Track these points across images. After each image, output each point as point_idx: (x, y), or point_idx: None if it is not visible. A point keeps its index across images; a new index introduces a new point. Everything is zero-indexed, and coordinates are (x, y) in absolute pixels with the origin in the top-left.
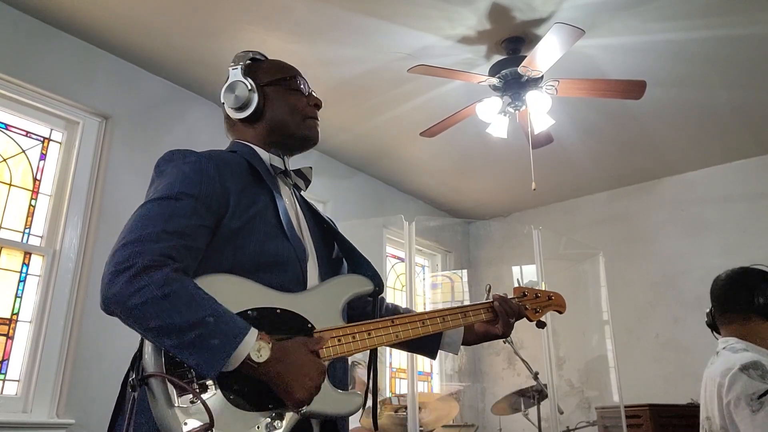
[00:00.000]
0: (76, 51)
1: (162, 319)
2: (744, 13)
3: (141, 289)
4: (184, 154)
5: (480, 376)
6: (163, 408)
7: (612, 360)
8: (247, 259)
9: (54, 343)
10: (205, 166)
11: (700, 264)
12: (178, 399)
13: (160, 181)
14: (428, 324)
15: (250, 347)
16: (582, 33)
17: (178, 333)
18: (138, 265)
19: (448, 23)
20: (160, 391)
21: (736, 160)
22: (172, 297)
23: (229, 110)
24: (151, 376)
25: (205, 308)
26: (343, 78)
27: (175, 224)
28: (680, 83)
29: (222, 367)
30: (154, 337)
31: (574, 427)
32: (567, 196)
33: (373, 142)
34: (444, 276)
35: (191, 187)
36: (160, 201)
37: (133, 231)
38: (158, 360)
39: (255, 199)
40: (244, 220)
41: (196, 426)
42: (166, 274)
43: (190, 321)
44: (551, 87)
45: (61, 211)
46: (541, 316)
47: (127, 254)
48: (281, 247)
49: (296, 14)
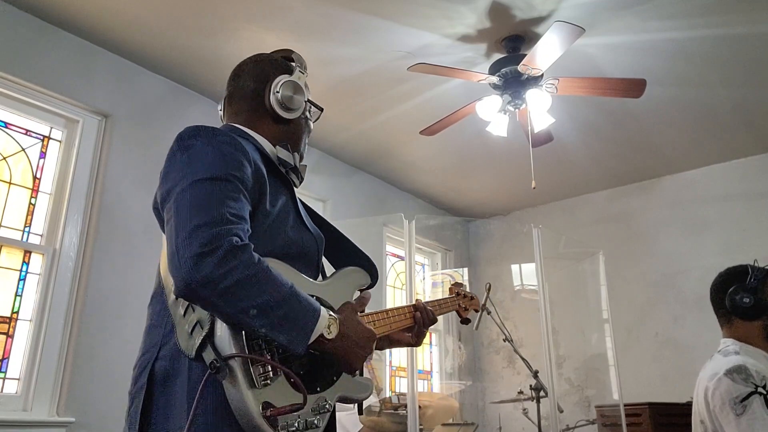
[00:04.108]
0: (75, 49)
1: (253, 299)
2: (743, 12)
3: (233, 269)
4: (213, 131)
5: (480, 374)
6: (243, 390)
7: (612, 358)
8: (279, 247)
9: (54, 341)
10: (241, 149)
11: (700, 263)
12: (259, 381)
13: (195, 157)
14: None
15: (325, 323)
16: (582, 31)
17: (268, 312)
18: (225, 246)
19: (448, 22)
20: (242, 372)
21: (736, 159)
22: (260, 277)
23: (273, 100)
24: (233, 357)
25: (286, 287)
26: (343, 77)
27: (234, 207)
28: (680, 82)
29: (308, 342)
30: (244, 317)
31: (573, 425)
32: (567, 195)
33: (373, 141)
34: (444, 274)
35: (236, 168)
36: (212, 182)
37: (201, 212)
38: (238, 341)
39: (279, 189)
40: (276, 207)
41: (282, 406)
42: (251, 254)
43: (276, 300)
44: (551, 85)
45: (61, 209)
46: (468, 314)
47: (211, 235)
48: (306, 238)
49: (295, 13)
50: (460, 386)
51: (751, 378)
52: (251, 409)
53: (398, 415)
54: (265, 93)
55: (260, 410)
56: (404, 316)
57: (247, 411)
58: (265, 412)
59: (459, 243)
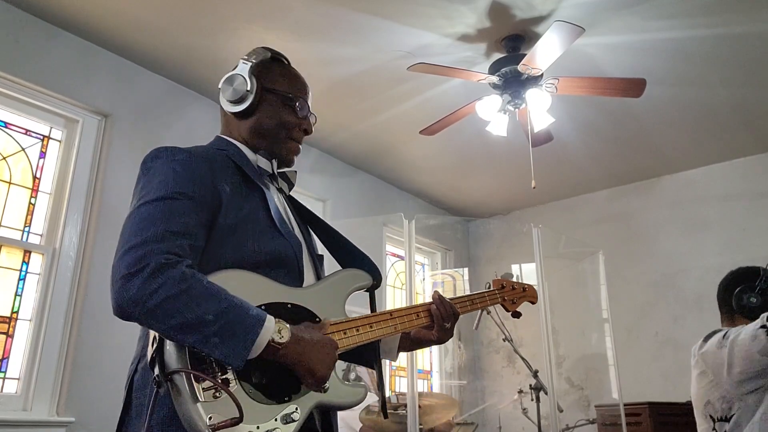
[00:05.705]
0: (75, 49)
1: (183, 315)
2: (744, 11)
3: (159, 287)
4: (172, 151)
5: (480, 374)
6: (187, 403)
7: (611, 358)
8: (248, 257)
9: (54, 341)
10: (195, 164)
11: (700, 262)
12: (203, 394)
13: (150, 180)
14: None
15: (271, 331)
16: (582, 31)
17: (201, 327)
18: (152, 265)
19: (448, 21)
20: (185, 386)
21: (736, 159)
22: (191, 292)
23: (223, 100)
24: (176, 372)
25: (222, 301)
26: (343, 76)
27: (176, 224)
28: (680, 81)
29: (248, 356)
30: (176, 334)
31: (573, 425)
32: (567, 195)
33: (373, 141)
34: (444, 274)
35: (185, 185)
36: (157, 202)
37: (136, 234)
38: (182, 356)
39: (247, 197)
40: (238, 218)
41: (222, 420)
42: (182, 270)
43: (210, 315)
44: (551, 85)
45: (61, 209)
46: (517, 306)
47: (138, 256)
48: (278, 244)
49: (295, 13)
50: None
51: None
52: (197, 422)
53: (398, 415)
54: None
55: (207, 423)
56: (416, 315)
57: (194, 424)
58: (212, 426)
59: (459, 243)
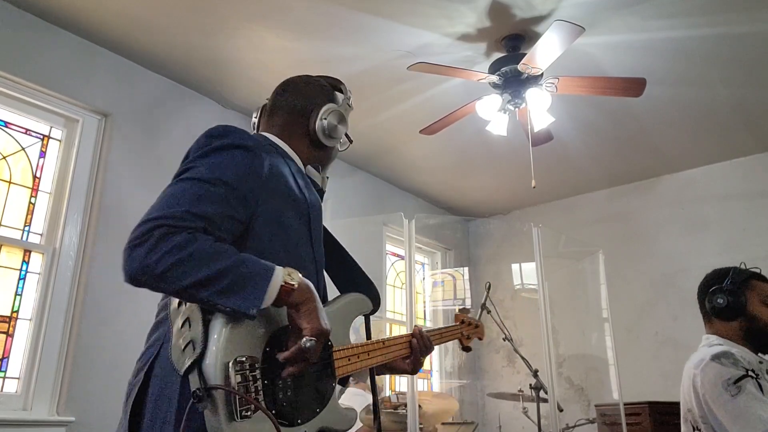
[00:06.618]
0: (75, 48)
1: (194, 275)
2: (744, 11)
3: (166, 254)
4: (241, 136)
5: (480, 373)
6: (223, 422)
7: (611, 358)
8: (278, 261)
9: (54, 340)
10: (257, 159)
11: (700, 262)
12: (240, 413)
13: (205, 155)
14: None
15: (281, 276)
16: (582, 31)
17: (213, 282)
18: (156, 235)
19: (448, 21)
20: (223, 404)
21: (736, 158)
22: (198, 253)
23: (318, 127)
24: (216, 388)
25: (231, 256)
26: (343, 76)
27: (201, 208)
28: (680, 81)
29: (262, 302)
30: (189, 294)
31: (573, 424)
32: (567, 194)
33: (373, 140)
34: (444, 273)
35: (232, 175)
36: (195, 181)
37: (158, 209)
38: (224, 371)
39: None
40: (278, 223)
41: None
42: (184, 236)
43: (220, 269)
44: (551, 84)
45: (61, 208)
46: (470, 342)
47: (147, 228)
48: (305, 254)
49: (295, 12)
50: (460, 385)
51: (739, 362)
52: None
53: (398, 414)
54: (311, 116)
55: None
56: (401, 345)
57: None
58: None
59: (459, 242)
